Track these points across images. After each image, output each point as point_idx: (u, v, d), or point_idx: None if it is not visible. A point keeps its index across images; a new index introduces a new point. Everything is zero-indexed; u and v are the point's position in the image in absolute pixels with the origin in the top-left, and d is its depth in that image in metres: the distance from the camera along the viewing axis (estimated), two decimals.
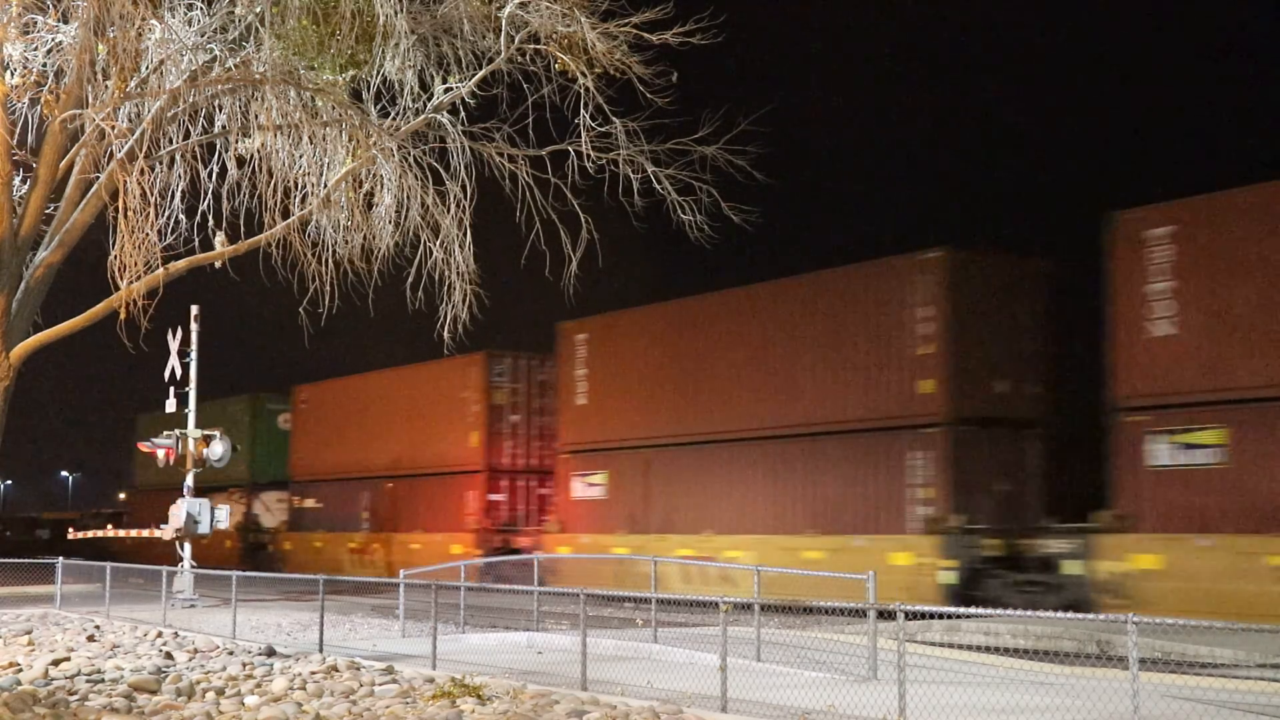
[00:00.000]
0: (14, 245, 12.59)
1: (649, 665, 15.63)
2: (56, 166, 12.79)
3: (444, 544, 38.13)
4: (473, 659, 16.43)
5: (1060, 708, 11.90)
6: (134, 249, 11.82)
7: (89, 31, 11.77)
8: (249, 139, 13.33)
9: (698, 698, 12.70)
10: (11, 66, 12.48)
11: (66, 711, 12.63)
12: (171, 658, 17.21)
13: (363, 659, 16.57)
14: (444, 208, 13.59)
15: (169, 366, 30.13)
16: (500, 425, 37.98)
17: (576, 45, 12.81)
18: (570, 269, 13.43)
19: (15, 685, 14.20)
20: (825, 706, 12.07)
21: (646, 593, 19.90)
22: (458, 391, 38.79)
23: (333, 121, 13.47)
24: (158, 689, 14.02)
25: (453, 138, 13.41)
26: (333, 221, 13.78)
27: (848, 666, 14.72)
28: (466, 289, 13.67)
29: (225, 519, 29.77)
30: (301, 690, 13.89)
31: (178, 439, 29.41)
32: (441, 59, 13.47)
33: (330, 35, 12.86)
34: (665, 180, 13.21)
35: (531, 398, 38.37)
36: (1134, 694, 10.09)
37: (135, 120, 12.65)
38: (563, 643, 18.12)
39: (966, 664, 15.75)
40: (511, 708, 12.41)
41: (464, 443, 38.49)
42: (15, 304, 12.66)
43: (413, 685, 14.05)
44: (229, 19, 13.00)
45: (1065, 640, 18.81)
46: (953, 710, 11.58)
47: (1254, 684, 13.67)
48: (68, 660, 16.75)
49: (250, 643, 18.95)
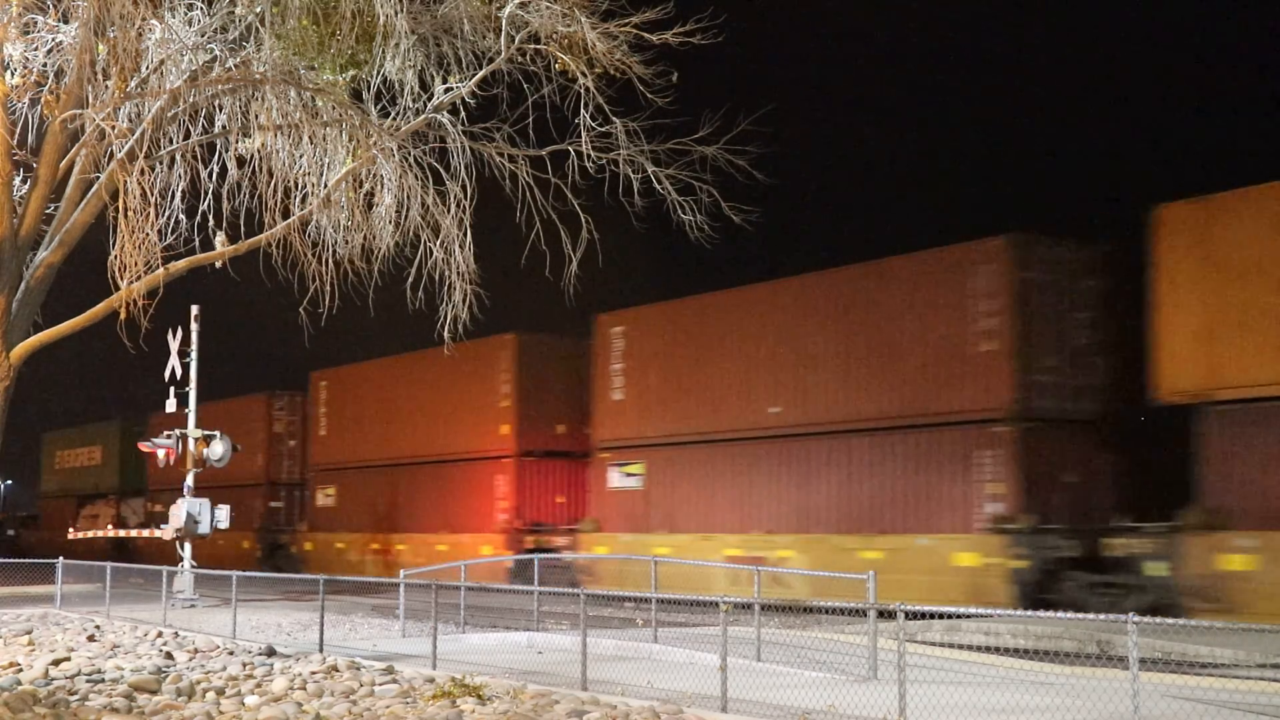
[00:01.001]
0: (14, 245, 12.59)
1: (649, 665, 15.64)
2: (56, 166, 12.79)
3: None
4: (473, 659, 16.44)
5: (1060, 708, 11.90)
6: (134, 249, 11.83)
7: (89, 31, 11.77)
8: (249, 139, 13.34)
9: (698, 698, 12.70)
10: (11, 66, 12.48)
11: (66, 711, 12.63)
12: (172, 658, 17.21)
13: (363, 659, 16.57)
14: (444, 208, 13.59)
15: (169, 366, 30.14)
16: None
17: (576, 45, 12.81)
18: (570, 269, 13.45)
19: (15, 685, 14.20)
20: (825, 706, 12.07)
21: (647, 593, 19.89)
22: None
23: (333, 121, 13.47)
24: (158, 689, 14.02)
25: (453, 138, 13.41)
26: (333, 221, 13.79)
27: (848, 666, 14.72)
28: (466, 289, 13.68)
29: (225, 519, 29.75)
30: (302, 690, 13.89)
31: (178, 439, 29.40)
32: (441, 59, 13.47)
33: (330, 35, 12.86)
34: (665, 180, 13.22)
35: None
36: (1134, 694, 10.10)
37: (135, 120, 12.66)
38: (563, 643, 18.12)
39: (967, 664, 15.75)
40: (511, 708, 12.41)
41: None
42: (15, 304, 12.66)
43: (413, 685, 14.05)
44: (229, 19, 13.00)
45: (1065, 640, 18.81)
46: (953, 710, 11.58)
47: (1254, 684, 13.67)
48: (68, 660, 16.75)
49: (250, 643, 18.95)
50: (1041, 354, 24.18)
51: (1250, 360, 20.79)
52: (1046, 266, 24.40)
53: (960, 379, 24.78)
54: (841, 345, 27.18)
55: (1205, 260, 21.51)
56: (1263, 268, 20.78)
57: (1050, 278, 24.40)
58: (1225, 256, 21.24)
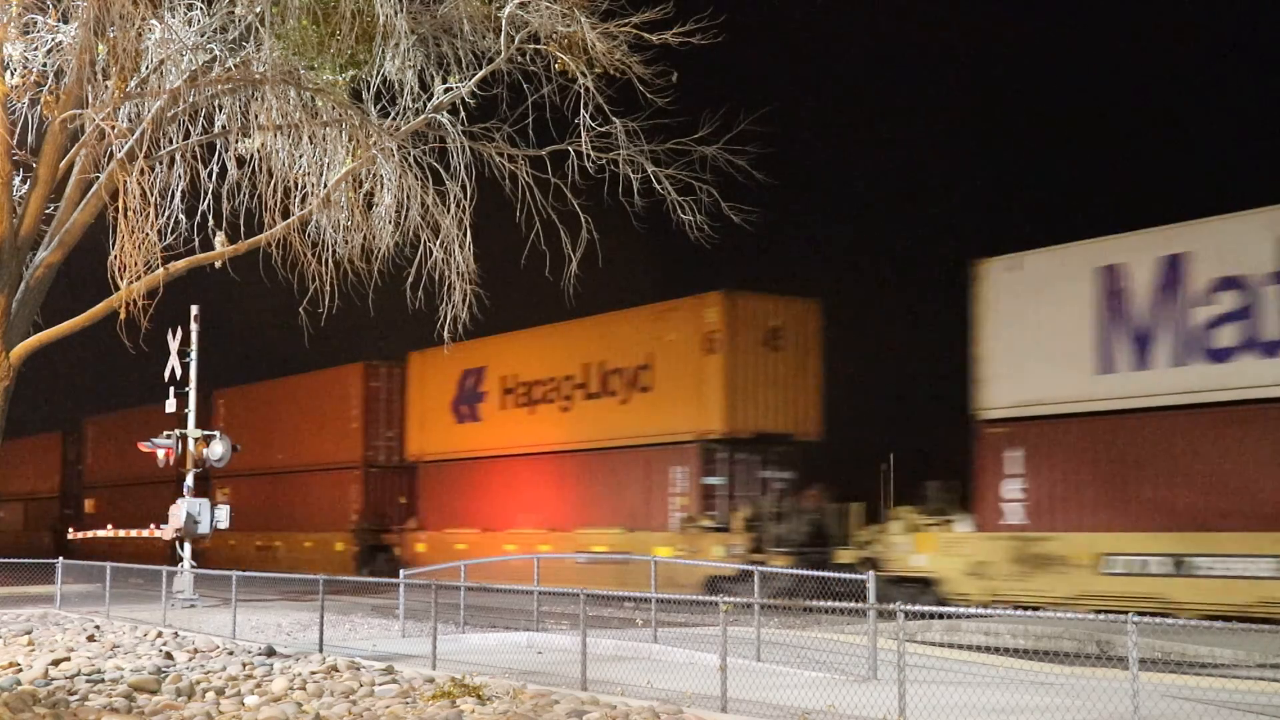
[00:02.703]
0: (14, 245, 12.59)
1: (649, 665, 15.64)
2: (56, 166, 12.79)
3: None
4: (473, 659, 16.44)
5: (1060, 708, 11.90)
6: (134, 249, 11.84)
7: (89, 31, 11.77)
8: (249, 139, 13.35)
9: (698, 698, 12.71)
10: (11, 66, 12.48)
11: (66, 711, 12.64)
12: (171, 658, 17.21)
13: (363, 659, 16.57)
14: (444, 208, 13.60)
15: (169, 366, 30.14)
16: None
17: (576, 45, 12.81)
18: (570, 269, 13.45)
19: (15, 685, 14.20)
20: (825, 706, 12.07)
21: (647, 593, 19.89)
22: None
23: (333, 121, 13.47)
24: (158, 689, 14.02)
25: (453, 138, 13.41)
26: (333, 221, 13.79)
27: (848, 666, 14.72)
28: (466, 289, 13.68)
29: (225, 519, 29.74)
30: (301, 690, 13.89)
31: (178, 439, 29.40)
32: (441, 59, 13.47)
33: (330, 35, 12.86)
34: (665, 180, 13.22)
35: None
36: (1134, 694, 10.10)
37: (135, 120, 12.66)
38: (563, 643, 18.13)
39: (966, 664, 15.75)
40: (511, 708, 12.41)
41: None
42: (15, 304, 12.66)
43: (413, 685, 14.05)
44: (229, 19, 13.00)
45: (1065, 640, 18.80)
46: (953, 710, 11.59)
47: (1254, 684, 13.67)
48: (68, 660, 16.75)
49: (250, 643, 18.95)
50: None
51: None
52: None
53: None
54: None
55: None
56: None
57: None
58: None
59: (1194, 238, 21.16)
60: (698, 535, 28.75)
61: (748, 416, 29.25)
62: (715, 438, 29.21)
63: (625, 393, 31.43)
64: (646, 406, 30.76)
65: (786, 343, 29.99)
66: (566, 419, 33.26)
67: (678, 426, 29.79)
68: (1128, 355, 21.69)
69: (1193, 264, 21.03)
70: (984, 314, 23.81)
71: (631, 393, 31.29)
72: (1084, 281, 22.28)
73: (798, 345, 30.24)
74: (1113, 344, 21.89)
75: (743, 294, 29.76)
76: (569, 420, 33.20)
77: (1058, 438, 22.60)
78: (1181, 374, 21.02)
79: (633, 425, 31.12)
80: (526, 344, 35.23)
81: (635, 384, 31.18)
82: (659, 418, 30.30)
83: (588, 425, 32.52)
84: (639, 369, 31.06)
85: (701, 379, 29.32)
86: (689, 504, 29.54)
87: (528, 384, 34.79)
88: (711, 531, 28.65)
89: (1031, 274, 23.21)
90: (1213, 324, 20.72)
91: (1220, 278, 20.69)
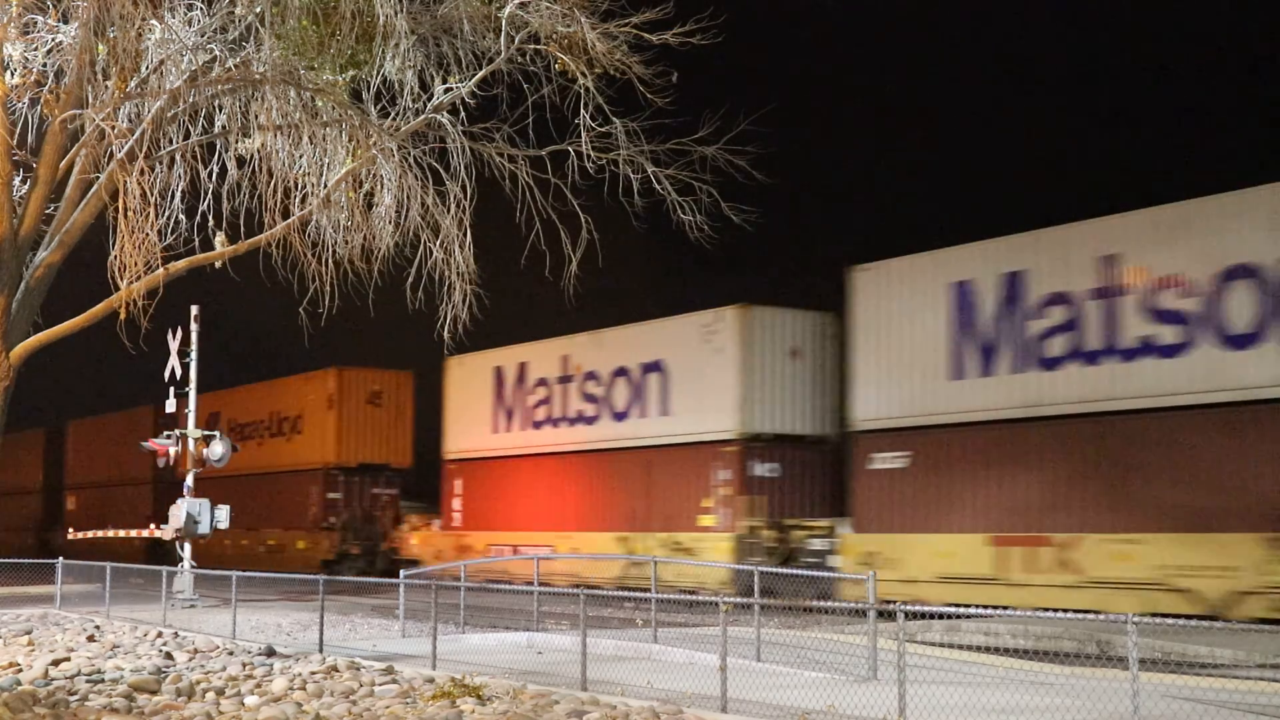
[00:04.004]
0: (14, 245, 12.59)
1: (649, 665, 15.64)
2: (56, 166, 12.80)
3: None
4: (473, 659, 16.44)
5: (1060, 708, 11.90)
6: (134, 249, 11.84)
7: (89, 31, 11.78)
8: (249, 139, 13.35)
9: (698, 698, 12.71)
10: (11, 66, 12.48)
11: (66, 711, 12.64)
12: (171, 658, 17.21)
13: (363, 659, 16.57)
14: (444, 208, 13.60)
15: (169, 366, 30.13)
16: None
17: (576, 45, 12.82)
18: (570, 269, 13.45)
19: (15, 685, 14.20)
20: (825, 706, 12.07)
21: (646, 593, 19.90)
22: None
23: (333, 121, 13.48)
24: (158, 689, 14.02)
25: (453, 138, 13.41)
26: (333, 221, 13.79)
27: (848, 666, 14.72)
28: (466, 289, 13.68)
29: (225, 519, 29.72)
30: (301, 690, 13.89)
31: (178, 439, 29.39)
32: (441, 59, 13.48)
33: (330, 35, 12.87)
34: (665, 180, 13.22)
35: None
36: (1134, 694, 10.10)
37: (135, 120, 12.66)
38: (563, 643, 18.13)
39: (966, 664, 15.75)
40: (511, 708, 12.41)
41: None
42: (15, 304, 12.66)
43: (413, 685, 14.05)
44: (229, 19, 13.00)
45: (1065, 640, 18.80)
46: (953, 710, 11.59)
47: (1254, 684, 13.66)
48: (68, 660, 16.74)
49: (250, 643, 18.95)
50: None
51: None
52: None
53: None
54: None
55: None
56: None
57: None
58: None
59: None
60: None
61: (357, 451, 43.19)
62: (331, 465, 42.90)
63: (286, 431, 46.11)
64: (297, 443, 45.29)
65: (386, 401, 43.77)
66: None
67: (313, 457, 43.88)
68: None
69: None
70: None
71: (291, 433, 45.79)
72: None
73: (395, 402, 43.92)
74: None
75: (350, 368, 43.45)
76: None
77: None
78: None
79: (288, 457, 45.49)
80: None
81: (293, 428, 45.71)
82: (304, 451, 44.57)
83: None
84: (296, 418, 45.35)
85: (325, 427, 43.33)
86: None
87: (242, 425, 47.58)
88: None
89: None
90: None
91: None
